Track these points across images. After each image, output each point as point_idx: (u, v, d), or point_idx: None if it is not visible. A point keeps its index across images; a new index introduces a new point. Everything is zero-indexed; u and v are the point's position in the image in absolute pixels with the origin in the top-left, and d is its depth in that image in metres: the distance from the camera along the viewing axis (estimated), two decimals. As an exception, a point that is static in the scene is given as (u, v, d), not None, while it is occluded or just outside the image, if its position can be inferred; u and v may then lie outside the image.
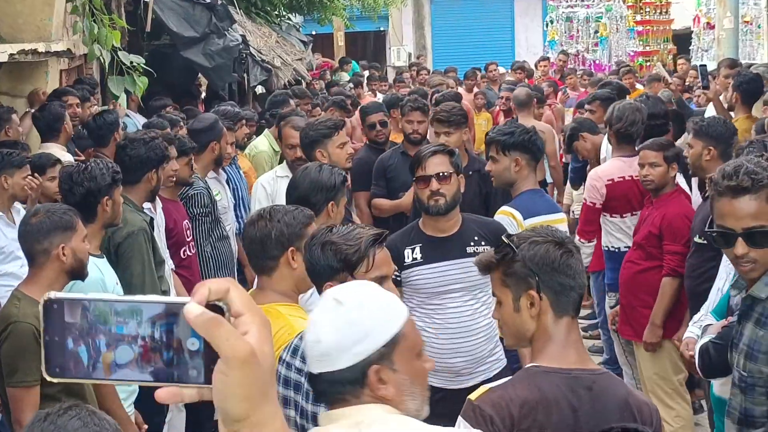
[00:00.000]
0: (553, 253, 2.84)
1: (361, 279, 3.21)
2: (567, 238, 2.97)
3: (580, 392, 2.77)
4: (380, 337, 2.35)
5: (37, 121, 7.40)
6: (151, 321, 1.22)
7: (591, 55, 20.92)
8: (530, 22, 30.53)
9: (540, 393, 2.76)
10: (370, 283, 2.66)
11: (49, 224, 4.22)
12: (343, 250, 3.23)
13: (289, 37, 16.39)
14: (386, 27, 30.55)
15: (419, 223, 4.94)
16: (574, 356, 2.84)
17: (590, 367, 2.87)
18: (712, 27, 18.44)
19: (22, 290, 4.26)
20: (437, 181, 4.77)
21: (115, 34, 8.21)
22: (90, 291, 4.56)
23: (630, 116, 6.69)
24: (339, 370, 2.34)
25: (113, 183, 4.84)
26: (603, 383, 2.82)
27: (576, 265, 2.87)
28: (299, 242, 3.77)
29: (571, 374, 2.80)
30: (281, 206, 4.07)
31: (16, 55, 7.18)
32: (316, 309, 2.46)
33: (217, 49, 10.87)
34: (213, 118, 7.18)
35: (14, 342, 4.08)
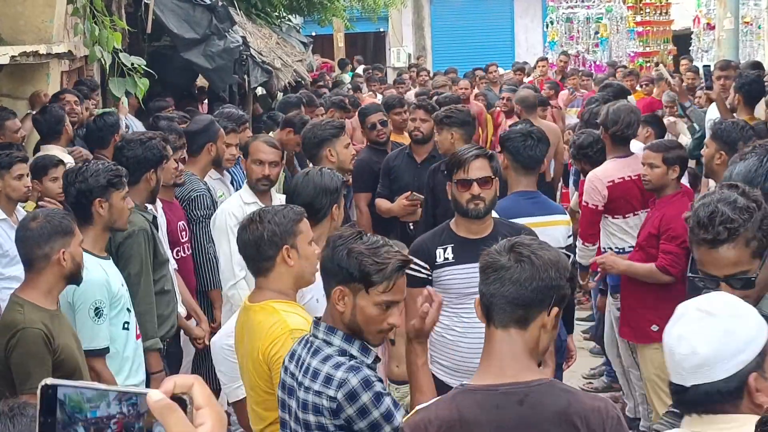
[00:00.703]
0: (483, 259, 2.81)
1: (374, 297, 3.21)
2: (515, 245, 2.79)
3: (507, 408, 2.66)
4: (757, 346, 2.41)
5: (38, 124, 7.39)
6: (117, 399, 1.34)
7: (591, 56, 20.91)
8: (530, 22, 30.53)
9: (459, 413, 2.68)
10: (725, 293, 2.73)
11: (50, 229, 4.22)
12: (368, 264, 3.20)
13: (289, 39, 16.39)
14: (386, 28, 30.57)
15: (450, 224, 4.95)
16: (510, 370, 2.71)
17: (526, 380, 2.70)
18: (712, 28, 18.44)
19: (22, 296, 4.24)
20: (479, 186, 4.79)
21: (116, 35, 8.22)
22: (96, 292, 4.59)
23: (626, 118, 6.71)
24: (717, 381, 2.40)
25: (109, 185, 4.79)
26: (537, 396, 2.67)
27: (504, 275, 2.72)
28: (293, 239, 3.85)
29: (498, 390, 2.69)
30: (270, 207, 4.10)
31: (18, 57, 7.18)
32: (679, 322, 2.51)
33: (217, 51, 10.86)
34: (208, 120, 7.17)
35: (25, 348, 4.07)
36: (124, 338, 4.82)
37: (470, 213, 4.81)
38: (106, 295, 4.67)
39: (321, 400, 3.14)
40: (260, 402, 3.82)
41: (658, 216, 6.00)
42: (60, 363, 4.13)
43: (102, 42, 8.14)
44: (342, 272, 3.22)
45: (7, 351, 4.10)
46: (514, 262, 2.72)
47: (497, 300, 2.73)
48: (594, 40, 21.21)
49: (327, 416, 3.14)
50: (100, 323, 4.62)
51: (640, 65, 18.43)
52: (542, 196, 5.81)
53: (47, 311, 4.19)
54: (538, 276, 2.71)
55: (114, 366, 4.73)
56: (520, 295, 2.71)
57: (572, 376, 8.05)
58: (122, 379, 4.78)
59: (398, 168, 7.57)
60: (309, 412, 3.18)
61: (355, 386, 3.10)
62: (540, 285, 2.71)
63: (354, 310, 3.22)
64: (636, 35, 19.78)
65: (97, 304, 4.62)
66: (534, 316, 2.73)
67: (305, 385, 3.20)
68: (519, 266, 2.72)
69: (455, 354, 4.86)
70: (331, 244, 3.29)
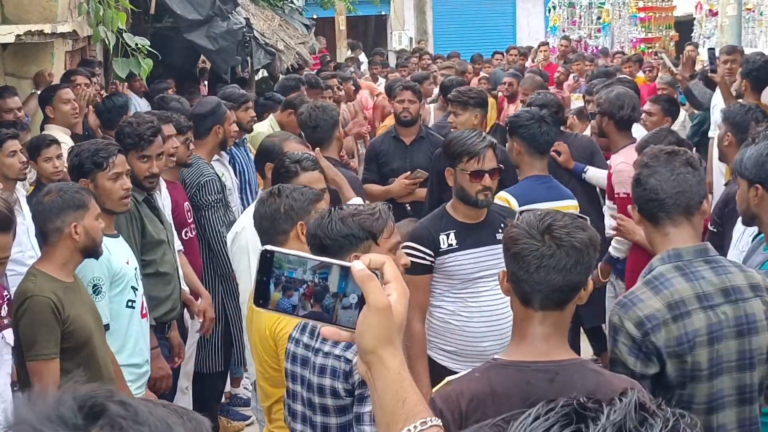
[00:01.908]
0: (516, 245, 2.76)
1: (384, 245, 3.30)
2: (549, 227, 2.73)
3: (538, 384, 2.69)
4: None
5: (42, 103, 7.38)
6: (312, 270, 1.67)
7: (593, 41, 20.89)
8: (532, 7, 30.47)
9: (490, 387, 2.73)
10: None
11: (61, 203, 4.26)
12: (367, 219, 3.30)
13: (291, 21, 16.34)
14: (388, 11, 30.50)
15: (447, 208, 4.95)
16: (542, 348, 2.75)
17: (557, 359, 2.75)
18: (714, 14, 18.40)
19: (38, 267, 4.32)
20: (490, 177, 4.82)
21: (120, 15, 8.21)
22: (94, 270, 4.60)
23: (629, 101, 6.69)
24: None
25: (95, 167, 4.80)
26: (568, 374, 2.71)
27: (549, 263, 2.69)
28: (307, 217, 3.91)
29: (530, 367, 2.73)
30: (290, 185, 4.18)
31: (23, 36, 7.16)
32: None
33: (220, 32, 10.82)
34: (215, 102, 7.15)
35: (32, 316, 4.13)
36: (128, 316, 4.82)
37: (480, 203, 4.83)
38: (106, 272, 4.68)
39: (339, 363, 3.22)
40: (268, 378, 3.88)
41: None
42: (70, 333, 4.17)
43: (106, 22, 8.13)
44: (348, 240, 3.28)
45: (16, 318, 4.17)
46: (556, 248, 2.69)
47: (543, 288, 2.72)
48: (596, 26, 21.20)
49: (341, 378, 3.20)
50: (98, 300, 4.62)
51: (642, 51, 18.39)
52: (554, 180, 5.81)
53: (61, 282, 4.24)
54: (582, 260, 2.71)
55: (117, 343, 4.73)
56: (567, 281, 2.71)
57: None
58: (126, 357, 4.78)
59: (387, 152, 7.59)
60: (326, 376, 3.24)
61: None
62: (583, 268, 2.72)
63: None
64: (638, 21, 19.74)
65: (95, 281, 4.64)
66: (574, 296, 2.76)
67: (324, 351, 3.27)
68: (562, 252, 2.69)
69: (461, 339, 4.86)
70: (317, 229, 3.32)
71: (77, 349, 4.21)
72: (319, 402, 3.27)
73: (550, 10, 22.76)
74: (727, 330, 3.21)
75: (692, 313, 3.19)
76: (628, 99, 6.70)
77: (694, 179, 3.31)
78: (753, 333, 3.22)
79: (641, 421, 1.17)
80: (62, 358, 4.13)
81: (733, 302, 3.23)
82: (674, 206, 3.30)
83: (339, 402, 3.22)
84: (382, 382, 1.69)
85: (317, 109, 6.62)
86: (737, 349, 3.21)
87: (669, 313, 3.18)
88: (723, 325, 3.21)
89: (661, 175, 3.32)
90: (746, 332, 3.22)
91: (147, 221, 5.41)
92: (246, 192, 7.45)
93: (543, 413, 1.22)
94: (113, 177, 4.83)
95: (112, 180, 4.82)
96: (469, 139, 4.95)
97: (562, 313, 2.77)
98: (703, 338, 3.19)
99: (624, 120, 6.66)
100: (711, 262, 3.28)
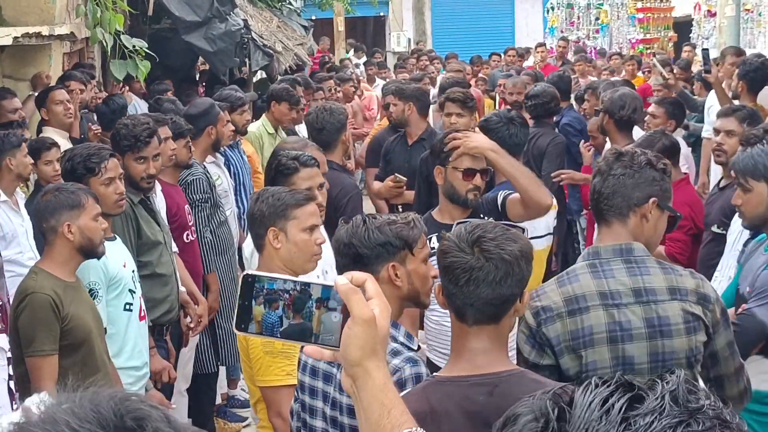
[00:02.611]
0: (446, 258, 2.72)
1: (419, 255, 3.27)
2: (478, 239, 2.68)
3: (477, 399, 2.64)
4: None
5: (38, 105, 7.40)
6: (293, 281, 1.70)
7: (591, 41, 20.90)
8: (531, 8, 30.48)
9: (429, 404, 2.66)
10: None
11: (56, 202, 4.28)
12: (401, 228, 3.25)
13: (290, 22, 16.34)
14: (386, 12, 30.50)
15: (432, 213, 4.92)
16: (480, 362, 2.69)
17: (496, 371, 2.68)
18: (713, 15, 18.41)
19: (39, 265, 4.36)
20: (481, 177, 4.80)
21: (117, 17, 8.22)
22: (90, 274, 4.60)
23: (631, 103, 6.75)
24: None
25: (87, 172, 4.79)
26: (507, 386, 2.64)
27: (478, 276, 2.64)
28: (282, 222, 3.87)
29: (468, 381, 2.68)
30: (278, 187, 4.14)
31: (20, 38, 7.17)
32: None
33: (218, 34, 10.84)
34: (208, 103, 7.16)
35: (32, 312, 4.15)
36: (126, 319, 4.83)
37: (469, 203, 4.80)
38: (102, 276, 4.68)
39: None
40: (249, 376, 3.90)
41: (660, 203, 5.99)
42: (68, 331, 4.18)
43: (104, 24, 8.14)
44: (385, 249, 3.23)
45: (16, 314, 4.20)
46: (485, 260, 2.65)
47: (474, 302, 2.68)
48: (594, 26, 21.21)
49: None
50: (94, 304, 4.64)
51: (640, 51, 18.41)
52: None
53: (61, 281, 4.26)
54: (511, 272, 2.66)
55: (115, 347, 4.73)
56: (497, 295, 2.66)
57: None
58: (124, 360, 4.78)
59: (393, 151, 7.64)
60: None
61: (407, 377, 3.07)
62: (514, 280, 2.67)
63: (410, 277, 3.27)
64: (637, 21, 19.76)
65: (91, 286, 4.64)
66: (508, 308, 2.71)
67: None
68: (490, 265, 2.65)
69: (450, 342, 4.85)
70: (353, 237, 3.25)
71: (76, 347, 4.22)
72: (350, 423, 3.16)
73: (548, 11, 22.78)
74: (636, 331, 3.17)
75: (591, 309, 3.18)
76: (629, 100, 6.78)
77: (631, 181, 3.29)
78: (666, 336, 3.17)
79: (690, 391, 1.21)
80: (60, 355, 4.15)
81: (644, 303, 3.18)
82: (606, 207, 3.30)
83: None
84: (367, 393, 1.72)
85: (325, 111, 6.60)
86: (649, 351, 3.17)
87: (565, 307, 3.18)
88: (632, 325, 3.17)
89: (600, 177, 3.33)
90: (658, 335, 3.17)
91: (143, 222, 5.41)
92: (241, 194, 7.46)
93: (600, 384, 1.24)
94: (106, 182, 4.82)
95: (105, 185, 4.81)
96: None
97: (498, 326, 2.72)
98: (602, 335, 3.16)
99: (624, 120, 6.71)
100: (630, 262, 3.25)
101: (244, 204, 7.29)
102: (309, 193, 4.10)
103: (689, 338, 3.20)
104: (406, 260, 3.25)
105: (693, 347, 3.20)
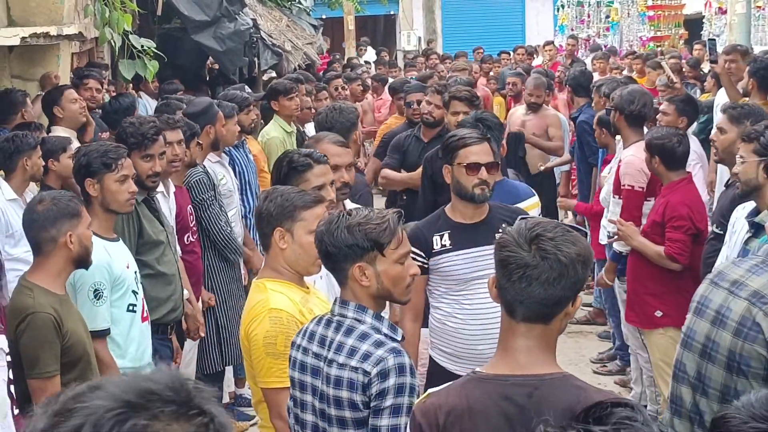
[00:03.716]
0: (501, 252, 2.66)
1: (391, 256, 3.26)
2: (536, 237, 2.62)
3: (516, 400, 2.60)
4: None
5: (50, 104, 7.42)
6: None
7: (601, 39, 20.85)
8: (541, 6, 30.43)
9: (467, 402, 2.64)
10: None
11: (56, 212, 4.21)
12: (374, 229, 3.24)
13: (299, 21, 16.36)
14: (396, 11, 30.49)
15: (446, 210, 4.92)
16: (523, 361, 2.65)
17: (538, 373, 2.64)
18: (723, 12, 18.35)
19: (31, 280, 4.23)
20: (486, 170, 4.78)
21: (126, 17, 8.24)
22: (95, 275, 4.59)
23: (641, 98, 6.76)
24: None
25: (103, 167, 4.77)
26: (547, 389, 2.60)
27: (531, 274, 2.59)
28: (290, 223, 3.85)
29: (508, 381, 2.64)
30: (288, 187, 4.11)
31: (28, 38, 7.17)
32: None
33: (228, 33, 10.86)
34: (207, 102, 7.15)
35: (34, 332, 4.07)
36: (129, 320, 4.83)
37: (476, 198, 4.78)
38: (107, 277, 4.66)
39: (357, 375, 3.16)
40: (251, 377, 3.90)
41: (662, 203, 5.96)
42: (68, 349, 4.13)
43: (112, 24, 8.15)
44: (352, 250, 3.24)
45: (16, 335, 4.09)
46: (540, 259, 2.59)
47: (524, 299, 2.62)
48: (605, 24, 21.16)
49: (359, 391, 3.16)
50: (99, 305, 4.62)
51: (651, 49, 18.35)
52: (508, 181, 5.85)
53: (56, 296, 4.19)
54: (566, 274, 2.59)
55: (119, 348, 4.75)
56: (549, 295, 2.60)
57: (580, 360, 8.09)
58: (128, 361, 4.78)
59: (407, 149, 7.68)
60: (342, 388, 3.19)
61: (390, 367, 3.12)
62: (568, 283, 2.60)
63: (379, 278, 3.27)
64: (647, 19, 19.69)
65: (96, 287, 4.62)
66: (559, 311, 2.65)
67: (339, 362, 3.21)
68: (545, 264, 2.58)
69: (458, 341, 4.83)
70: (324, 235, 3.29)
71: (74, 363, 4.17)
72: (336, 414, 3.22)
73: (558, 9, 22.73)
74: (709, 310, 3.62)
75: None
76: (639, 96, 6.80)
77: None
78: (720, 326, 3.52)
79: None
80: (61, 372, 4.08)
81: (730, 292, 3.51)
82: None
83: (358, 414, 3.18)
84: None
85: (335, 110, 6.58)
86: (705, 333, 3.53)
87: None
88: (710, 304, 3.61)
89: None
90: (718, 323, 3.55)
91: (145, 221, 5.41)
92: (246, 193, 7.46)
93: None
94: (121, 179, 4.82)
95: (119, 182, 4.81)
96: (463, 133, 4.98)
97: (547, 327, 2.66)
98: (693, 305, 3.68)
99: (634, 115, 6.71)
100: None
101: (249, 204, 7.30)
102: (318, 195, 4.07)
103: (735, 339, 3.37)
104: (375, 261, 3.25)
105: (736, 351, 3.37)
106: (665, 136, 6.00)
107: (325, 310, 3.52)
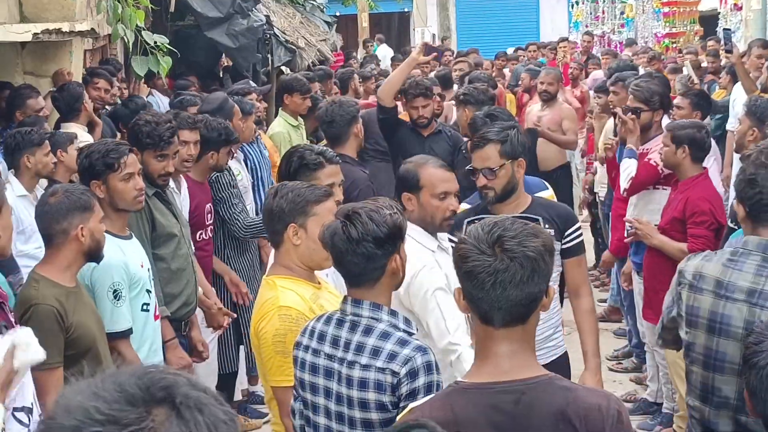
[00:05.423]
0: (467, 263, 2.56)
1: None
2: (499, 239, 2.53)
3: (503, 408, 2.53)
4: None
5: (57, 102, 7.42)
6: None
7: (616, 36, 20.77)
8: (556, 2, 30.33)
9: (453, 414, 2.55)
10: None
11: (68, 204, 4.18)
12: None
13: (313, 18, 16.34)
14: (410, 8, 30.46)
15: None
16: (506, 367, 2.57)
17: (523, 377, 2.56)
18: (739, 8, 18.25)
19: (39, 272, 4.22)
20: (483, 177, 4.74)
21: (139, 13, 8.20)
22: (113, 275, 4.56)
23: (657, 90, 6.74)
24: None
25: (106, 168, 4.72)
26: (534, 394, 2.54)
27: (504, 278, 2.51)
28: (303, 219, 3.80)
29: (494, 388, 2.56)
30: (296, 182, 4.07)
31: (41, 34, 7.16)
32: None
33: (241, 30, 10.85)
34: (222, 98, 7.14)
35: (36, 324, 3.98)
36: (143, 319, 4.79)
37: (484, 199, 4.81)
38: (124, 276, 4.62)
39: (385, 375, 3.11)
40: (263, 374, 3.86)
41: (681, 199, 5.90)
42: (73, 341, 4.09)
43: (125, 20, 8.12)
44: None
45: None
46: (509, 261, 2.51)
47: (503, 305, 2.54)
48: (620, 21, 21.08)
49: (388, 392, 3.11)
50: (119, 305, 4.59)
51: (666, 46, 18.28)
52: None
53: (63, 288, 4.16)
54: (538, 268, 2.53)
55: (133, 346, 4.71)
56: (526, 294, 2.53)
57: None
58: (142, 359, 4.74)
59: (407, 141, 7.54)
60: (369, 390, 3.14)
61: (419, 366, 3.09)
62: (541, 276, 2.55)
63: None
64: (662, 16, 19.61)
65: (115, 287, 4.58)
66: (536, 306, 2.59)
67: (362, 363, 3.16)
68: (515, 265, 2.51)
69: None
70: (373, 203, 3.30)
71: (80, 357, 4.12)
72: (362, 417, 3.16)
73: (573, 6, 22.66)
74: (734, 329, 3.53)
75: (704, 292, 3.61)
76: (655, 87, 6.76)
77: None
78: None
79: None
80: (65, 365, 4.03)
81: (752, 304, 3.50)
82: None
83: (386, 415, 3.12)
84: None
85: (335, 104, 6.60)
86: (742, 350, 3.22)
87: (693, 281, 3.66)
88: (731, 321, 3.54)
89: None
90: None
91: (158, 214, 5.35)
92: (259, 190, 7.43)
93: None
94: (125, 177, 4.75)
95: (124, 181, 4.74)
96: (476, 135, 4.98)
97: (526, 326, 2.60)
98: (703, 321, 3.62)
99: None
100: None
101: (262, 200, 7.27)
102: (328, 189, 4.04)
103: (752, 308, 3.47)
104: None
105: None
106: (694, 125, 5.98)
107: (336, 305, 3.46)
